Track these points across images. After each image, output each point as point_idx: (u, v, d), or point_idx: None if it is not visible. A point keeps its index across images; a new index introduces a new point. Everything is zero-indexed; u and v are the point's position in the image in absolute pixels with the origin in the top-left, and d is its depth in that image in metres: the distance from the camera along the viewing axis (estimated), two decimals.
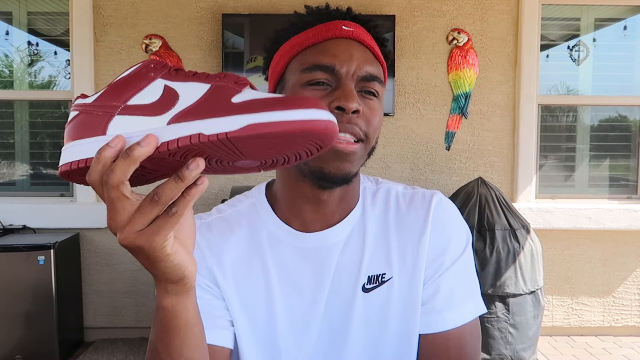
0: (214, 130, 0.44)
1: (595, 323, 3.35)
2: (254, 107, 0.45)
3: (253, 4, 3.16)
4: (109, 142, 0.46)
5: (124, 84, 0.50)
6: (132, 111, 0.48)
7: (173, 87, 0.49)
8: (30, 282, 2.77)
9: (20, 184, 3.34)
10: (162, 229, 0.49)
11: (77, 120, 0.51)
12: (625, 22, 3.45)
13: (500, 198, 2.79)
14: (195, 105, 0.47)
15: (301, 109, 0.44)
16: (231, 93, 0.47)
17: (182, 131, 0.45)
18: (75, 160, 0.48)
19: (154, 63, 0.51)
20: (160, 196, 0.47)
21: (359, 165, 0.77)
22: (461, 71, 3.18)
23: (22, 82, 3.39)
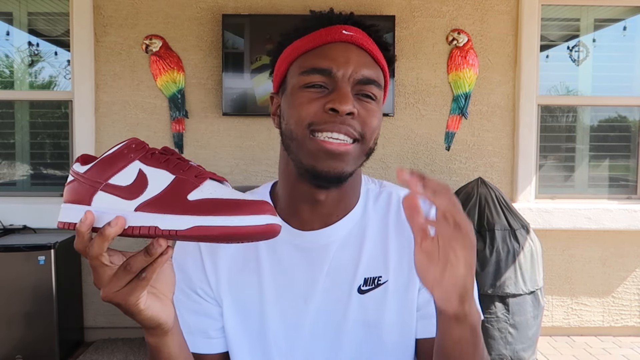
0: (166, 226, 0.53)
1: (595, 323, 3.35)
2: (204, 209, 0.53)
3: (253, 5, 3.16)
4: (81, 219, 0.55)
5: (108, 162, 0.59)
6: (111, 190, 0.57)
7: (145, 173, 0.57)
8: (30, 282, 2.77)
9: (20, 184, 3.34)
10: (135, 291, 0.58)
11: (72, 185, 0.60)
12: (625, 23, 3.46)
13: (500, 198, 2.79)
14: (158, 197, 0.55)
15: (244, 216, 0.52)
16: (189, 188, 0.56)
17: (143, 221, 0.55)
18: (67, 222, 0.59)
19: (135, 144, 0.59)
20: (132, 266, 0.56)
21: (354, 166, 0.77)
22: (461, 71, 3.18)
23: (23, 83, 3.39)
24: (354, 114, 0.74)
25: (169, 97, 3.17)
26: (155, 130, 3.20)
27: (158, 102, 3.19)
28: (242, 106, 3.15)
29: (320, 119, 0.74)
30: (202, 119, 3.20)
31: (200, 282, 0.83)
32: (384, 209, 0.85)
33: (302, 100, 0.75)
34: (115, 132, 3.20)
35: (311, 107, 0.74)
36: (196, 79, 3.18)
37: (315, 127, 0.74)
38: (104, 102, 3.19)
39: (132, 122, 3.19)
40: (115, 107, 3.19)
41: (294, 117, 0.76)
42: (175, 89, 3.15)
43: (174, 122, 3.18)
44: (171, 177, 0.57)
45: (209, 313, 0.83)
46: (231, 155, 3.22)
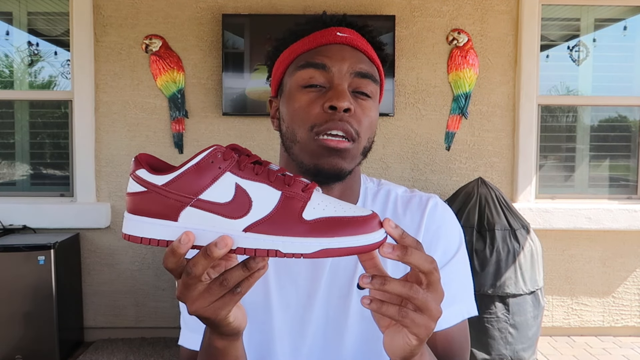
0: (290, 250, 0.52)
1: (595, 323, 3.35)
2: (325, 230, 0.52)
3: (253, 5, 3.16)
4: (181, 239, 0.52)
5: (195, 174, 0.54)
6: (205, 206, 0.53)
7: (244, 189, 0.54)
8: (30, 282, 2.77)
9: (20, 184, 3.34)
10: (227, 305, 0.56)
11: (146, 197, 0.55)
12: (625, 22, 3.46)
13: (500, 198, 2.79)
14: (269, 217, 0.53)
15: (364, 235, 0.52)
16: (301, 206, 0.54)
17: (258, 243, 0.52)
18: (147, 237, 0.55)
19: (222, 152, 0.55)
20: (229, 281, 0.54)
21: (353, 164, 0.79)
22: (461, 71, 3.18)
23: (22, 82, 3.39)
24: (351, 110, 0.75)
25: (168, 97, 3.17)
26: (155, 130, 3.20)
27: (158, 102, 3.19)
28: (242, 106, 3.15)
29: (322, 119, 0.75)
30: (202, 119, 3.20)
31: None
32: (381, 206, 0.87)
33: (301, 102, 0.77)
34: (115, 132, 3.20)
35: (312, 109, 0.76)
36: (196, 78, 3.18)
37: (318, 129, 0.75)
38: (103, 102, 3.19)
39: (132, 122, 3.19)
40: (115, 107, 3.19)
41: (295, 120, 0.77)
42: (175, 89, 3.15)
43: (174, 122, 3.18)
44: (277, 193, 0.54)
45: None
46: None
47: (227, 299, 0.56)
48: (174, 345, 3.10)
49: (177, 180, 0.54)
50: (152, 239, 0.54)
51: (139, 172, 0.56)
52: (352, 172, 0.82)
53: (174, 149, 3.20)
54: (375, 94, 0.80)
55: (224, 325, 0.60)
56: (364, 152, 0.80)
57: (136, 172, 0.56)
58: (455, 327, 0.81)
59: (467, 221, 2.72)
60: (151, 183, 0.55)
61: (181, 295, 0.57)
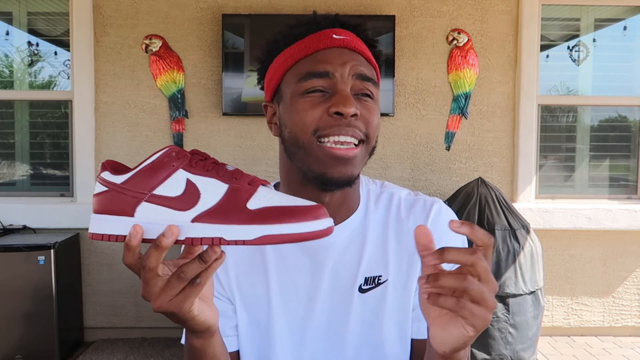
0: (233, 237, 0.54)
1: (595, 323, 3.35)
2: (267, 218, 0.55)
3: (253, 5, 3.16)
4: (131, 233, 0.55)
5: (149, 171, 0.58)
6: (157, 200, 0.57)
7: (194, 183, 0.57)
8: (30, 282, 2.77)
9: (20, 184, 3.34)
10: (189, 298, 0.58)
11: (107, 196, 0.58)
12: (625, 22, 3.46)
13: (500, 198, 2.79)
14: (216, 208, 0.56)
15: (306, 221, 0.55)
16: (246, 197, 0.57)
17: (205, 232, 0.55)
18: (107, 234, 0.57)
19: (176, 151, 0.59)
20: (186, 274, 0.56)
21: (361, 167, 0.79)
22: (461, 71, 3.18)
23: (22, 82, 3.39)
24: (357, 115, 0.75)
25: (168, 97, 3.17)
26: (155, 130, 3.20)
27: (158, 102, 3.19)
28: (242, 106, 3.15)
29: (326, 123, 0.74)
30: (202, 119, 3.20)
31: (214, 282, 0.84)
32: (384, 209, 0.86)
33: (304, 106, 0.76)
34: (115, 132, 3.19)
35: (315, 113, 0.75)
36: (196, 78, 3.18)
37: (321, 133, 0.74)
38: (103, 102, 3.19)
39: (132, 122, 3.19)
40: (115, 107, 3.19)
41: (298, 124, 0.76)
42: (175, 89, 3.15)
43: (174, 122, 3.18)
44: (224, 186, 0.57)
45: (224, 312, 0.84)
46: (231, 155, 3.22)
47: (187, 292, 0.57)
48: (174, 345, 3.10)
49: (134, 178, 0.58)
50: (112, 235, 0.57)
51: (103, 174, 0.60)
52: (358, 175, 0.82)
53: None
54: (376, 95, 0.80)
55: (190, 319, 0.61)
56: (370, 152, 0.80)
57: (101, 175, 0.60)
58: None
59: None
60: (112, 182, 0.58)
61: (144, 293, 0.58)
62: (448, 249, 0.57)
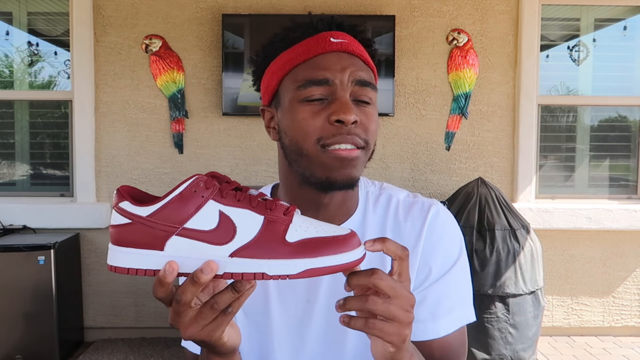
0: (276, 272, 0.54)
1: (595, 323, 3.35)
2: (308, 250, 0.55)
3: (253, 4, 3.16)
4: (166, 269, 0.54)
5: (179, 204, 0.56)
6: (190, 234, 0.55)
7: (228, 216, 0.56)
8: (30, 282, 2.77)
9: (20, 184, 3.34)
10: (220, 326, 0.58)
11: (132, 229, 0.56)
12: (625, 22, 3.46)
13: (500, 198, 2.79)
14: (254, 242, 0.55)
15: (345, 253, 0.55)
16: (283, 229, 0.56)
17: (245, 267, 0.54)
18: (135, 268, 0.56)
19: (204, 181, 0.57)
20: (220, 304, 0.56)
21: (362, 170, 0.79)
22: (461, 71, 3.18)
23: (22, 82, 3.39)
24: (357, 122, 0.75)
25: (168, 97, 3.17)
26: (155, 130, 3.20)
27: (158, 102, 3.19)
28: (242, 106, 3.15)
29: (328, 132, 0.74)
30: (202, 119, 3.20)
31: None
32: (383, 211, 0.86)
33: (304, 115, 0.76)
34: (115, 132, 3.19)
35: (316, 122, 0.75)
36: (196, 78, 3.18)
37: (324, 142, 0.75)
38: (103, 102, 3.19)
39: (132, 122, 3.19)
40: (115, 106, 3.19)
41: (299, 133, 0.76)
42: (175, 89, 3.15)
43: (174, 122, 3.18)
44: (260, 218, 0.56)
45: None
46: (231, 155, 3.22)
47: (219, 321, 0.58)
48: (174, 345, 3.10)
49: (162, 211, 0.55)
50: (139, 269, 0.55)
51: (122, 204, 0.57)
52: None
53: (174, 149, 3.20)
54: (374, 100, 0.80)
55: (220, 346, 0.62)
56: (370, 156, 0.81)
57: (119, 205, 0.57)
58: (452, 335, 0.81)
59: (467, 221, 2.72)
60: (135, 215, 0.56)
61: (174, 322, 0.58)
62: (350, 276, 0.58)
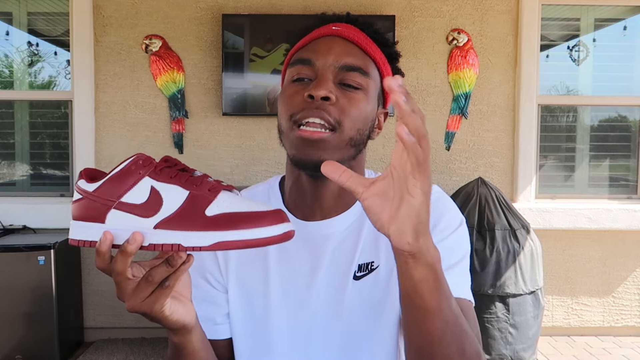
0: (190, 243, 0.57)
1: (595, 323, 3.35)
2: (224, 224, 0.57)
3: (253, 4, 3.16)
4: (100, 239, 0.58)
5: (117, 180, 0.60)
6: (125, 208, 0.59)
7: (158, 190, 0.59)
8: (30, 282, 2.77)
9: (20, 184, 3.34)
10: (159, 299, 0.61)
11: (82, 203, 0.61)
12: (625, 22, 3.46)
13: (500, 198, 2.79)
14: (176, 215, 0.58)
15: (261, 227, 0.56)
16: (204, 204, 0.58)
17: (165, 238, 0.57)
18: (82, 240, 0.60)
19: (142, 159, 0.61)
20: (154, 277, 0.59)
21: (337, 156, 0.76)
22: (461, 71, 3.18)
23: (22, 82, 3.39)
24: (330, 99, 0.75)
25: (168, 97, 3.17)
26: (155, 130, 3.20)
27: (158, 102, 3.19)
28: (242, 106, 3.15)
29: (299, 107, 0.76)
30: (202, 118, 3.20)
31: (211, 267, 0.87)
32: None
33: (288, 93, 0.79)
34: (115, 132, 3.19)
35: (294, 99, 0.77)
36: (196, 78, 3.18)
37: (295, 118, 0.76)
38: (103, 102, 3.19)
39: (132, 122, 3.19)
40: (115, 107, 3.19)
41: (281, 111, 0.79)
42: (175, 89, 3.15)
43: (174, 122, 3.18)
44: (185, 192, 0.59)
45: (216, 300, 0.86)
46: (231, 155, 3.22)
47: (157, 294, 0.60)
48: None
49: (103, 186, 0.60)
50: (86, 241, 0.60)
51: (79, 182, 0.63)
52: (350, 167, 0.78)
53: (174, 149, 3.20)
54: (365, 85, 0.79)
55: (162, 319, 0.64)
56: (352, 143, 0.77)
57: (77, 183, 0.63)
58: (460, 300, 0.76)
59: (467, 221, 2.72)
60: (85, 190, 0.61)
61: (118, 294, 0.61)
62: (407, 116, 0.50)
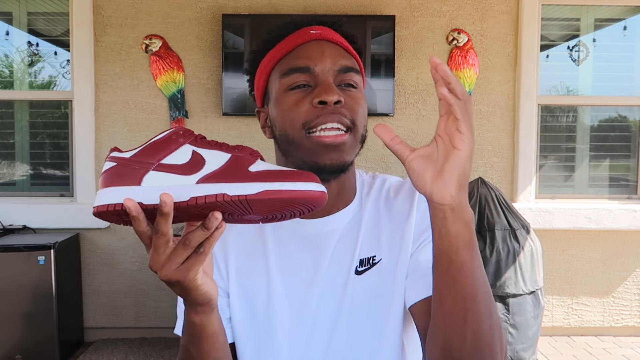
0: (235, 192, 0.57)
1: (595, 323, 3.35)
2: (267, 177, 0.58)
3: (253, 4, 3.16)
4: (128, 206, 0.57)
5: (157, 146, 0.62)
6: (165, 169, 0.60)
7: (200, 153, 0.61)
8: (30, 282, 2.77)
9: (20, 184, 3.34)
10: (194, 266, 0.61)
11: (114, 170, 0.61)
12: (625, 22, 3.46)
13: (500, 198, 2.79)
14: (220, 171, 0.60)
15: (302, 182, 0.59)
16: (247, 163, 0.61)
17: (209, 190, 0.58)
18: (112, 204, 0.59)
19: (183, 130, 0.63)
20: (191, 241, 0.59)
21: (352, 155, 0.80)
22: (461, 71, 3.18)
23: (22, 82, 3.39)
24: (341, 102, 0.76)
25: (168, 97, 3.17)
26: (155, 130, 3.20)
27: (158, 102, 3.19)
28: (242, 106, 3.15)
29: (313, 115, 0.76)
30: (202, 118, 3.20)
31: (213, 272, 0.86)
32: (376, 194, 0.89)
33: (289, 103, 0.78)
34: (115, 132, 3.19)
35: (301, 107, 0.77)
36: (196, 78, 3.18)
37: (309, 125, 0.76)
38: (103, 102, 3.19)
39: (132, 122, 3.19)
40: (115, 107, 3.19)
41: (286, 121, 0.79)
42: (175, 89, 3.15)
43: (174, 122, 3.18)
44: (227, 155, 0.61)
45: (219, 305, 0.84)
46: None
47: (192, 260, 0.61)
48: (174, 345, 3.09)
49: (143, 152, 0.62)
50: (117, 204, 0.58)
51: (112, 153, 0.63)
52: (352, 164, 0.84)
53: None
54: (360, 84, 0.82)
55: (194, 289, 0.64)
56: (362, 140, 0.81)
57: (110, 154, 0.63)
58: None
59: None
60: (120, 157, 0.62)
61: (153, 262, 0.61)
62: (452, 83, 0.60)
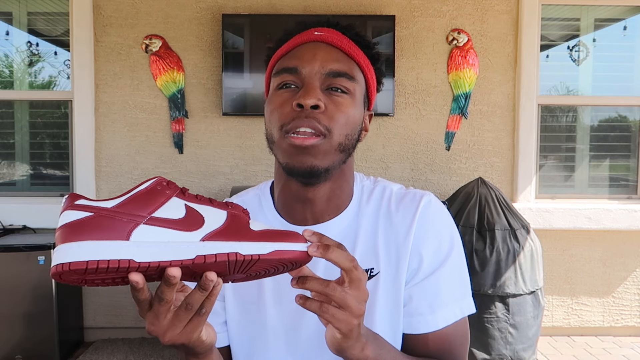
0: (248, 252, 0.56)
1: (595, 323, 3.35)
2: (272, 237, 0.59)
3: (253, 4, 3.16)
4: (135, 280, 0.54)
5: (143, 197, 0.57)
6: (158, 223, 0.56)
7: (195, 209, 0.59)
8: (30, 282, 2.77)
9: (20, 184, 3.34)
10: (197, 327, 0.61)
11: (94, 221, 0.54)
12: (625, 22, 3.46)
13: (500, 198, 2.79)
14: (223, 228, 0.58)
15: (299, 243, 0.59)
16: (246, 220, 0.60)
17: (218, 249, 0.56)
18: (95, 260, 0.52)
19: (166, 182, 0.60)
20: (192, 304, 0.58)
21: (327, 161, 0.77)
22: (461, 71, 3.18)
23: (22, 82, 3.39)
24: (320, 107, 0.75)
25: (168, 97, 3.17)
26: (155, 130, 3.20)
27: (158, 102, 3.19)
28: (242, 106, 3.15)
29: (289, 117, 0.76)
30: (202, 118, 3.20)
31: None
32: (376, 203, 0.86)
33: (276, 102, 0.78)
34: (115, 132, 3.19)
35: (284, 108, 0.77)
36: (196, 78, 3.18)
37: (286, 127, 0.76)
38: (103, 102, 3.19)
39: (132, 122, 3.19)
40: (115, 106, 3.19)
41: (271, 121, 0.79)
42: (175, 89, 3.15)
43: (174, 122, 3.18)
44: (223, 212, 0.60)
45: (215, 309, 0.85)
46: (231, 155, 3.22)
47: (195, 322, 0.60)
48: None
49: (128, 203, 0.56)
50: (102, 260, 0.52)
51: (79, 201, 0.56)
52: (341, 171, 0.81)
53: (174, 149, 3.20)
54: (352, 90, 0.79)
55: (199, 345, 0.65)
56: (341, 149, 0.78)
57: (76, 202, 0.56)
58: (451, 327, 0.81)
59: (467, 221, 2.72)
60: (98, 207, 0.55)
61: (153, 328, 0.60)
62: (309, 278, 0.61)
